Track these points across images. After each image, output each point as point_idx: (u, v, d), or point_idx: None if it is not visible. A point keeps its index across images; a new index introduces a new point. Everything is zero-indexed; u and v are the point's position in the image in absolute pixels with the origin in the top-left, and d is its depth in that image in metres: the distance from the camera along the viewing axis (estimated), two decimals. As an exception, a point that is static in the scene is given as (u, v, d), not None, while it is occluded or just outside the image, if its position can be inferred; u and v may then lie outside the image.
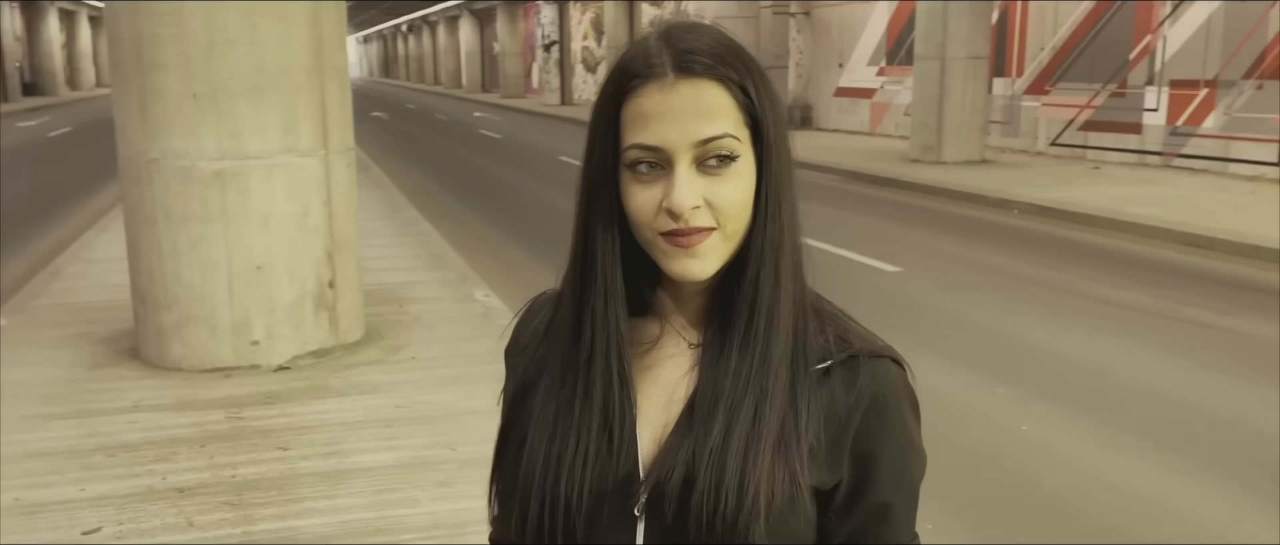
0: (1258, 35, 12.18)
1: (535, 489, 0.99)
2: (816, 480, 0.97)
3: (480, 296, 6.79)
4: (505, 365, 1.15)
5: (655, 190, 0.94)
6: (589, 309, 1.00)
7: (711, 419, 0.97)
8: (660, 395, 1.01)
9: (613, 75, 0.97)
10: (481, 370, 5.16)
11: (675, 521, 0.96)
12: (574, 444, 0.99)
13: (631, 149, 0.94)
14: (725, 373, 0.98)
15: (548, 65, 35.27)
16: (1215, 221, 9.22)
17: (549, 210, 11.80)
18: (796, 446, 0.96)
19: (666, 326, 1.04)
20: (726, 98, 0.94)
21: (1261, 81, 12.18)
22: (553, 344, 1.05)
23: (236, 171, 5.04)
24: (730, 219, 0.94)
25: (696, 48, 0.94)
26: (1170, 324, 6.33)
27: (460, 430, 4.31)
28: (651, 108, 0.93)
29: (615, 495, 0.98)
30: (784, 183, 0.98)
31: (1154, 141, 13.75)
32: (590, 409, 0.99)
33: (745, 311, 0.98)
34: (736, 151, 0.94)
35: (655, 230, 0.94)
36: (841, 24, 20.74)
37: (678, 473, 0.96)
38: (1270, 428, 4.57)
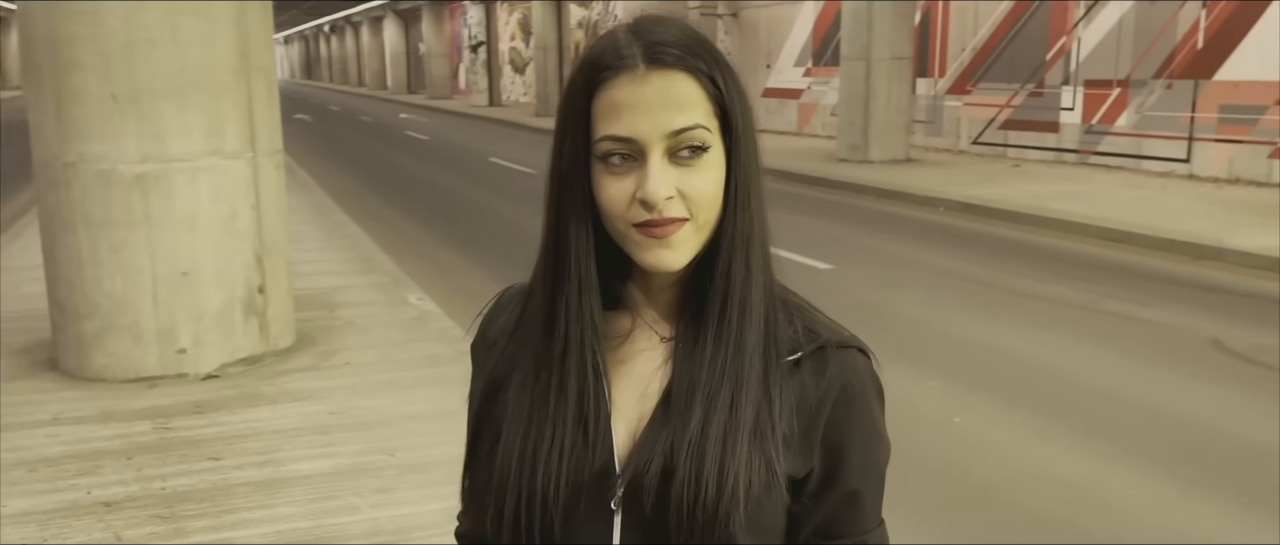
0: (1166, 36, 12.65)
1: (511, 483, 0.98)
2: (790, 469, 0.99)
3: (413, 300, 6.70)
4: (472, 361, 1.13)
5: (628, 182, 0.93)
6: (563, 302, 0.99)
7: (689, 409, 0.97)
8: (634, 389, 1.01)
9: (581, 68, 0.97)
10: (417, 375, 5.09)
11: (653, 514, 0.96)
12: (550, 437, 0.98)
13: (604, 141, 0.94)
14: (700, 363, 0.99)
15: (475, 66, 34.97)
16: (1131, 216, 9.54)
17: (480, 212, 11.70)
18: (772, 435, 0.98)
19: (638, 320, 1.03)
20: (697, 89, 0.94)
21: (1171, 81, 12.65)
22: (525, 338, 1.04)
23: (160, 174, 4.89)
24: (702, 209, 0.95)
25: (666, 39, 0.94)
26: (1093, 316, 6.52)
27: (398, 436, 4.25)
28: (623, 99, 0.93)
29: (592, 489, 0.98)
30: (753, 173, 0.99)
31: (1071, 140, 14.18)
32: (565, 402, 0.99)
33: (718, 302, 0.99)
34: (708, 142, 0.94)
35: (628, 221, 0.94)
36: (769, 25, 20.97)
37: (655, 465, 0.96)
38: (1190, 414, 4.74)
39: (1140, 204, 10.33)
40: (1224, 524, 3.65)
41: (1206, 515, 3.72)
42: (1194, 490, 3.93)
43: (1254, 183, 11.60)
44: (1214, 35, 12.05)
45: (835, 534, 1.03)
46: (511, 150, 19.21)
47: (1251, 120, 11.66)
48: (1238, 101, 11.78)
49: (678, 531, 0.95)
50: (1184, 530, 3.60)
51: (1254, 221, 9.16)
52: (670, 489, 0.95)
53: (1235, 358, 5.61)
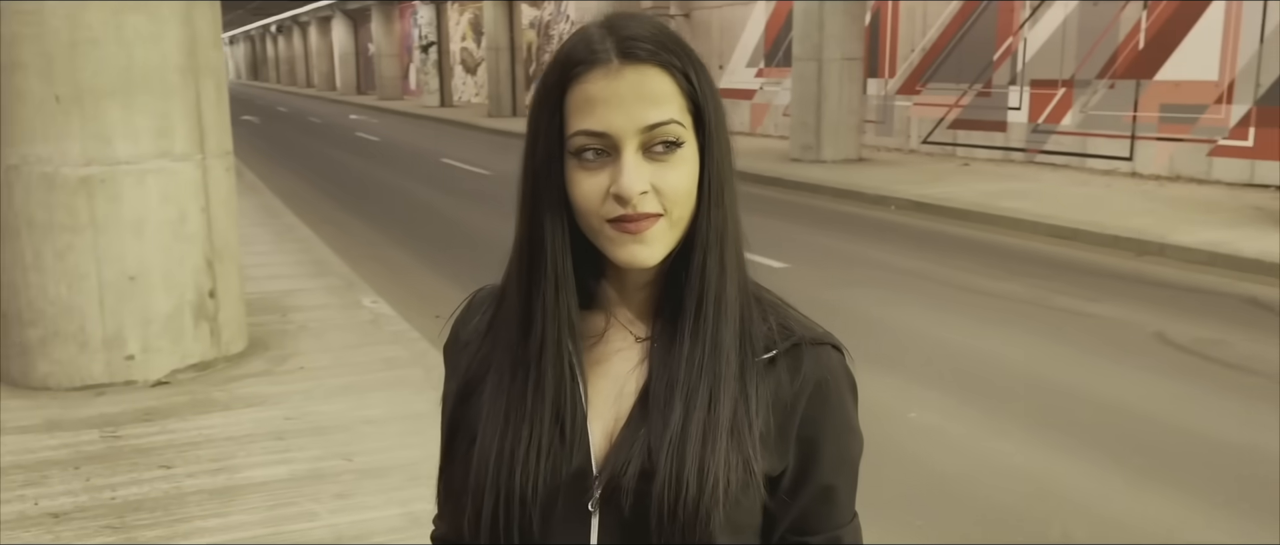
0: (1109, 37, 12.92)
1: (489, 484, 0.97)
2: (767, 467, 0.99)
3: (368, 303, 6.62)
4: (445, 364, 1.12)
5: (602, 177, 0.93)
6: (539, 300, 0.98)
7: (668, 407, 0.97)
8: (610, 389, 1.01)
9: (555, 64, 0.96)
10: (374, 378, 5.03)
11: (632, 514, 0.96)
12: (527, 436, 0.97)
13: (577, 136, 0.93)
14: (678, 361, 0.98)
15: (426, 67, 34.67)
16: (1077, 214, 9.73)
17: (433, 214, 11.60)
18: (749, 433, 0.98)
19: (612, 320, 1.03)
20: (670, 84, 0.94)
21: (1114, 81, 12.92)
22: (499, 338, 1.03)
23: (105, 177, 4.78)
24: (677, 205, 0.94)
25: (640, 35, 0.94)
26: (1043, 312, 6.64)
27: (356, 440, 4.20)
28: (597, 93, 0.92)
29: (569, 489, 0.97)
30: (726, 170, 0.99)
31: (1018, 139, 14.43)
32: (542, 401, 0.98)
33: (694, 299, 0.99)
34: (682, 138, 0.94)
35: (602, 217, 0.94)
36: (721, 26, 21.06)
37: (634, 465, 0.96)
38: (1136, 406, 4.84)
39: (1085, 201, 10.54)
40: (1171, 512, 3.74)
41: (1154, 504, 3.80)
42: (1142, 480, 4.02)
43: (1194, 180, 11.89)
44: (1154, 36, 12.33)
45: (810, 529, 1.04)
46: (464, 151, 19.09)
47: (1191, 119, 11.96)
48: (1177, 101, 12.08)
49: (658, 531, 0.95)
50: (1133, 519, 3.68)
51: (1194, 218, 9.39)
52: (649, 489, 0.95)
53: (1179, 351, 5.74)
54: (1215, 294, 7.07)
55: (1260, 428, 4.53)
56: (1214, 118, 11.70)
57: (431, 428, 4.35)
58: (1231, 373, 5.33)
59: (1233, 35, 11.43)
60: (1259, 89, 11.18)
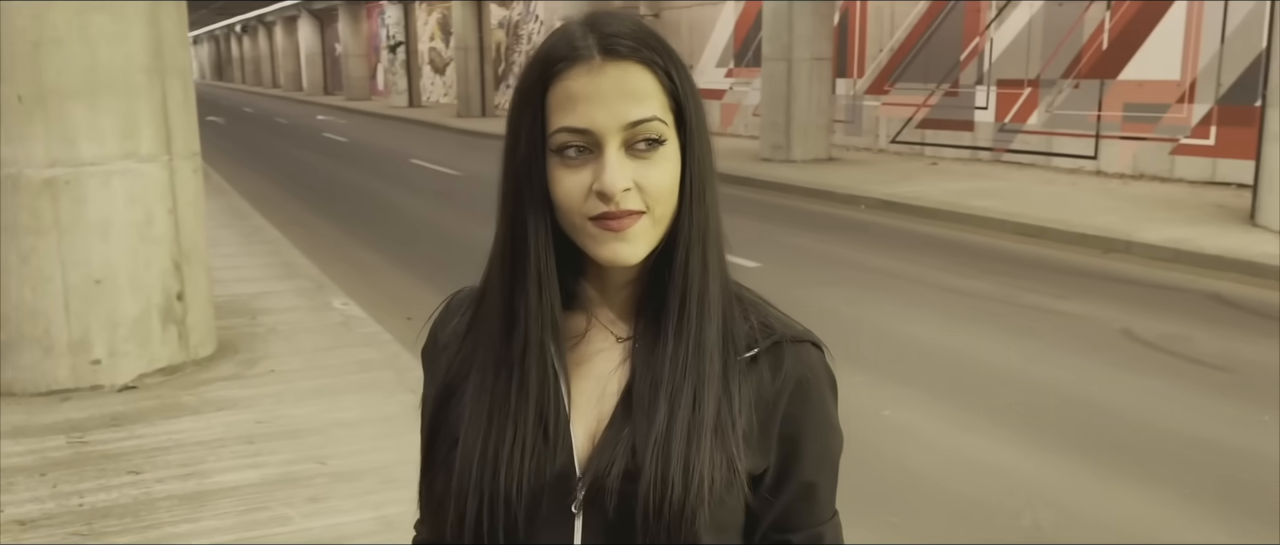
0: (1073, 37, 13.08)
1: (473, 486, 0.97)
2: (750, 465, 0.99)
3: (338, 305, 6.57)
4: (423, 368, 1.11)
5: (584, 174, 0.93)
6: (522, 300, 0.98)
7: (653, 407, 0.97)
8: (593, 390, 1.00)
9: (535, 61, 0.96)
10: (346, 381, 4.99)
11: (616, 514, 0.96)
12: (511, 437, 0.97)
13: (559, 132, 0.93)
14: (662, 360, 0.98)
15: (394, 67, 34.45)
16: (1043, 212, 9.85)
17: (403, 215, 11.53)
18: (732, 431, 0.98)
19: (593, 320, 1.03)
20: (652, 81, 0.94)
21: (1078, 81, 13.08)
22: (481, 339, 1.02)
23: (70, 179, 4.71)
24: (659, 203, 0.94)
25: (621, 32, 0.94)
26: (1012, 309, 6.71)
27: (329, 443, 4.16)
28: (579, 90, 0.92)
29: (552, 490, 0.97)
30: (707, 168, 0.99)
31: (985, 138, 14.57)
32: (526, 401, 0.97)
33: (677, 298, 0.99)
34: (664, 135, 0.94)
35: (584, 215, 0.93)
36: (691, 26, 21.09)
37: (618, 466, 0.96)
38: (1104, 401, 4.90)
39: (1052, 200, 10.67)
40: (1140, 506, 3.79)
41: (1124, 497, 3.85)
42: (1111, 474, 4.07)
43: (1157, 178, 12.07)
44: (1118, 36, 12.50)
45: (791, 527, 1.04)
46: (433, 152, 18.99)
47: (1154, 118, 12.13)
48: (1141, 100, 12.25)
49: (644, 531, 0.95)
50: (1102, 513, 3.73)
51: (1158, 216, 9.53)
52: (634, 489, 0.95)
53: (1146, 346, 5.82)
54: (1180, 290, 7.18)
55: (1226, 423, 4.60)
56: (1176, 117, 11.88)
57: (405, 430, 4.34)
58: (1197, 368, 5.42)
59: (1194, 35, 11.61)
60: (1220, 88, 11.36)
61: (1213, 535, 3.56)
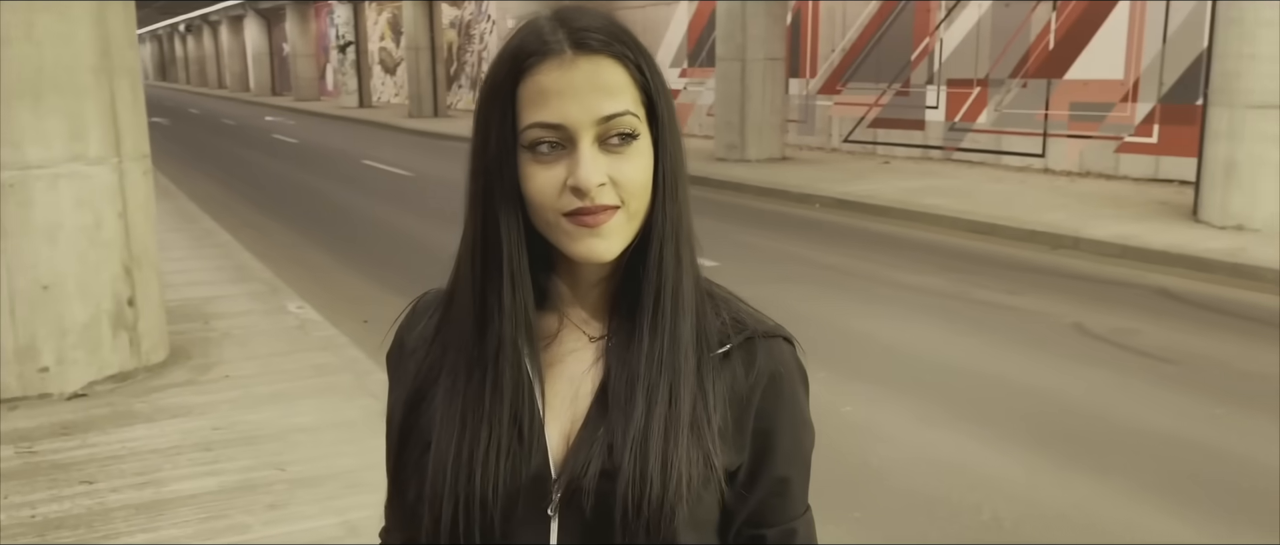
0: (1021, 37, 13.31)
1: (447, 489, 0.95)
2: (725, 461, 0.99)
3: (293, 308, 6.48)
4: (388, 372, 1.09)
5: (557, 170, 0.92)
6: (495, 299, 0.97)
7: (630, 404, 0.96)
8: (566, 390, 1.00)
9: (504, 57, 0.95)
10: (304, 385, 4.93)
11: (593, 514, 0.95)
12: (486, 438, 0.96)
13: (532, 128, 0.92)
14: (638, 357, 0.98)
15: (344, 67, 34.03)
16: (994, 209, 10.01)
17: (357, 217, 11.40)
18: (708, 428, 0.98)
19: (565, 320, 1.02)
20: (624, 75, 0.93)
21: (1026, 81, 13.32)
22: (451, 341, 1.01)
23: (16, 182, 4.59)
24: (634, 198, 0.94)
25: (592, 26, 0.93)
26: (966, 305, 6.81)
27: (288, 449, 4.10)
28: (551, 84, 0.91)
29: (528, 492, 0.96)
30: (679, 163, 0.99)
31: (935, 137, 14.77)
32: (500, 402, 0.96)
33: (651, 294, 0.98)
34: (637, 130, 0.93)
35: (558, 211, 0.92)
36: (644, 25, 21.10)
37: (594, 465, 0.95)
38: (1059, 394, 5.00)
39: (1002, 197, 10.85)
40: (1096, 496, 3.87)
41: (1079, 489, 3.93)
42: (1067, 465, 4.15)
43: (1103, 176, 12.33)
44: (1064, 37, 12.75)
45: (765, 523, 1.04)
46: (385, 152, 18.80)
47: (1099, 117, 12.39)
48: (1087, 99, 12.50)
49: (623, 530, 0.95)
50: (1059, 504, 3.80)
51: (1105, 212, 9.74)
52: (612, 488, 0.94)
53: (1097, 340, 5.94)
54: (1128, 285, 7.34)
55: (1176, 415, 4.71)
56: (1120, 116, 12.14)
57: (366, 435, 4.29)
58: (1147, 361, 5.54)
59: (1137, 36, 11.88)
60: (1162, 87, 11.64)
61: (1167, 525, 3.64)
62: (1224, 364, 5.49)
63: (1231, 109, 8.52)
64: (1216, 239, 8.20)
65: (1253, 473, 4.05)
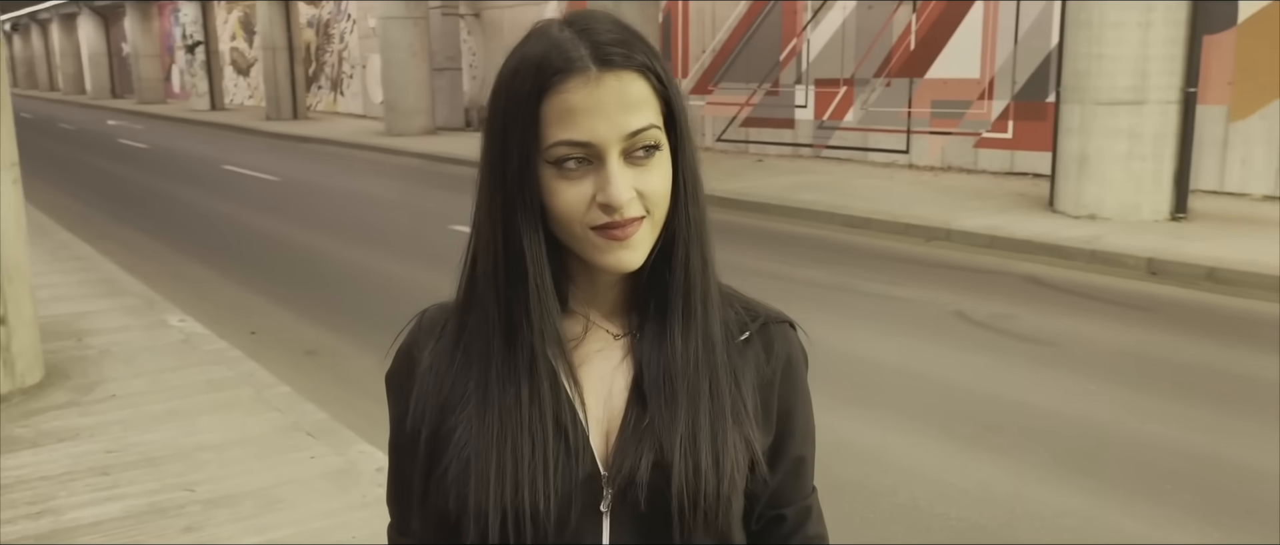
0: (884, 38, 13.86)
1: (493, 502, 0.95)
2: (760, 444, 1.04)
3: (175, 322, 6.17)
4: (395, 391, 1.07)
5: (585, 185, 0.93)
6: (522, 312, 0.97)
7: (673, 403, 0.99)
8: (599, 389, 1.01)
9: (525, 72, 0.94)
10: (199, 401, 4.71)
11: (648, 510, 0.97)
12: (531, 451, 0.96)
13: (558, 146, 0.92)
14: (673, 356, 1.00)
15: (193, 68, 32.50)
16: (867, 204, 10.39)
17: (226, 224, 10.92)
18: (746, 416, 1.02)
19: (588, 321, 1.03)
20: (646, 88, 0.95)
21: (889, 79, 13.87)
22: (476, 354, 1.00)
23: None
24: (658, 206, 0.96)
25: (613, 39, 0.94)
26: (853, 296, 7.06)
27: (194, 469, 3.91)
28: (578, 103, 0.92)
29: (580, 496, 0.97)
30: (697, 165, 1.02)
31: (805, 135, 15.22)
32: (541, 413, 0.97)
33: (681, 294, 1.01)
34: (660, 141, 0.95)
35: (586, 225, 0.94)
36: (513, 25, 20.96)
37: (646, 462, 0.97)
38: (949, 378, 5.24)
39: (872, 192, 11.27)
40: (998, 472, 4.08)
41: (983, 468, 4.14)
42: (970, 446, 4.36)
43: (963, 170, 12.96)
44: (924, 37, 13.34)
45: (784, 502, 1.09)
46: (246, 157, 18.06)
47: (958, 114, 13.02)
48: (946, 97, 13.12)
49: (680, 524, 0.97)
50: (966, 481, 3.99)
51: (969, 205, 10.24)
52: (666, 484, 0.97)
53: (978, 326, 6.26)
54: (999, 273, 7.76)
55: (1057, 392, 5.02)
56: (978, 113, 12.79)
57: (278, 450, 4.15)
58: (1025, 344, 5.88)
59: (991, 36, 12.54)
60: (1015, 85, 12.32)
61: (1059, 494, 3.87)
62: (1092, 343, 5.87)
63: (1082, 105, 9.10)
64: (1073, 228, 8.74)
65: (1123, 441, 4.36)
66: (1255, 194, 10.12)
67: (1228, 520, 3.63)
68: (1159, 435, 4.43)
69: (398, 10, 20.18)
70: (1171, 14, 8.72)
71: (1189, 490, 3.87)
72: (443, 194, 12.92)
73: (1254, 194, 10.12)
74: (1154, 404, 4.82)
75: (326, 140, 20.97)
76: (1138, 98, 8.85)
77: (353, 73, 27.66)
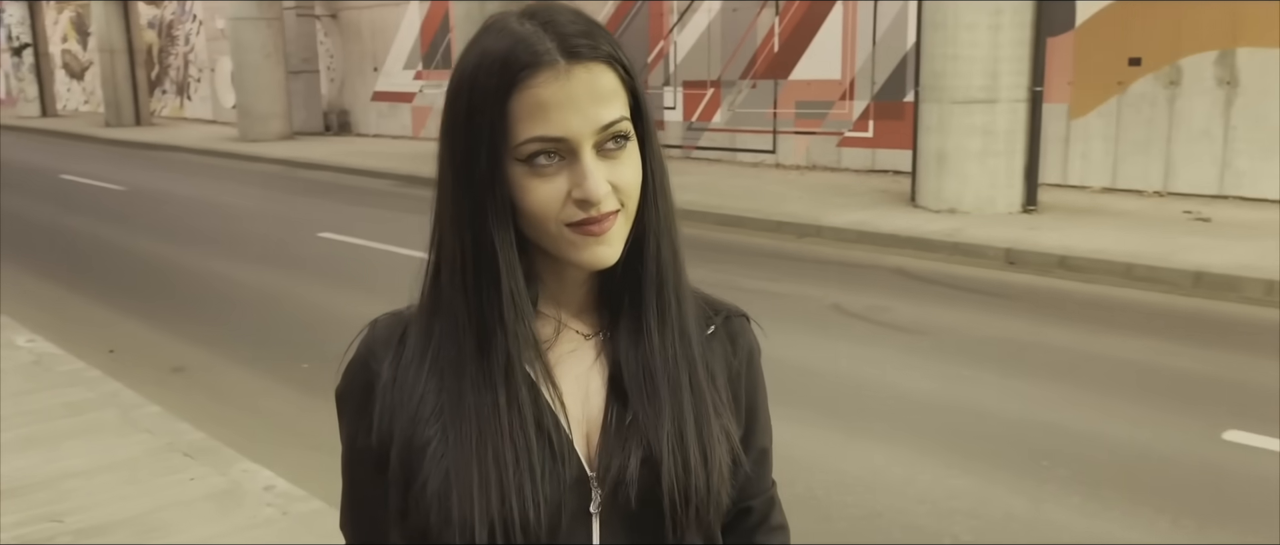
0: (748, 40, 14.15)
1: (478, 513, 0.91)
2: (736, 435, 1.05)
3: (23, 342, 5.74)
4: (351, 408, 1.01)
5: (558, 181, 0.91)
6: (496, 317, 0.94)
7: (656, 399, 0.98)
8: (576, 391, 0.99)
9: (488, 67, 0.91)
10: (60, 426, 4.40)
11: (639, 509, 0.96)
12: (514, 459, 0.93)
13: (530, 142, 0.90)
14: (651, 352, 0.99)
15: (20, 72, 30.37)
16: (739, 203, 10.58)
17: (70, 237, 10.25)
18: (724, 409, 1.03)
19: (557, 323, 1.01)
20: (615, 79, 0.93)
21: (755, 81, 14.17)
22: (445, 364, 0.96)
23: None
24: (631, 198, 0.94)
25: (578, 30, 0.92)
26: (734, 293, 6.86)
27: (61, 498, 3.65)
28: (549, 97, 0.89)
29: (570, 499, 0.95)
30: (662, 156, 1.00)
31: (675, 136, 15.37)
32: (521, 419, 0.94)
33: (654, 289, 0.99)
34: (629, 132, 0.94)
35: (560, 222, 0.91)
36: (372, 27, 20.43)
37: (635, 460, 0.96)
38: (832, 369, 5.39)
39: (743, 192, 11.48)
40: (888, 459, 4.21)
41: (874, 455, 4.27)
42: (859, 435, 4.49)
43: (828, 168, 13.36)
44: (787, 40, 13.68)
45: (751, 494, 1.11)
46: (87, 166, 17.01)
47: (821, 114, 13.41)
48: (810, 98, 13.49)
49: (672, 519, 0.96)
50: (858, 469, 4.11)
51: (836, 202, 10.56)
52: (656, 482, 0.96)
53: (856, 318, 6.46)
54: (870, 267, 8.02)
55: (934, 378, 5.22)
56: (840, 113, 13.21)
57: (149, 474, 3.93)
58: (901, 334, 6.09)
59: (851, 38, 12.96)
60: (875, 86, 12.78)
61: (954, 479, 4.03)
62: (962, 331, 6.14)
63: (940, 104, 9.51)
64: (935, 221, 9.13)
65: (1000, 422, 4.58)
66: (1095, 186, 10.79)
67: (1106, 492, 3.85)
68: (1030, 415, 4.66)
69: (249, 10, 19.39)
70: (1018, 15, 9.21)
71: (1066, 465, 4.08)
72: (306, 201, 12.47)
73: (1094, 186, 10.80)
74: (1022, 386, 5.07)
75: (175, 147, 19.96)
76: (990, 96, 9.30)
77: (200, 76, 26.43)
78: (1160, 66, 10.21)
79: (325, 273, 8.02)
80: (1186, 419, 4.55)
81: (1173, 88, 10.17)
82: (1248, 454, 4.15)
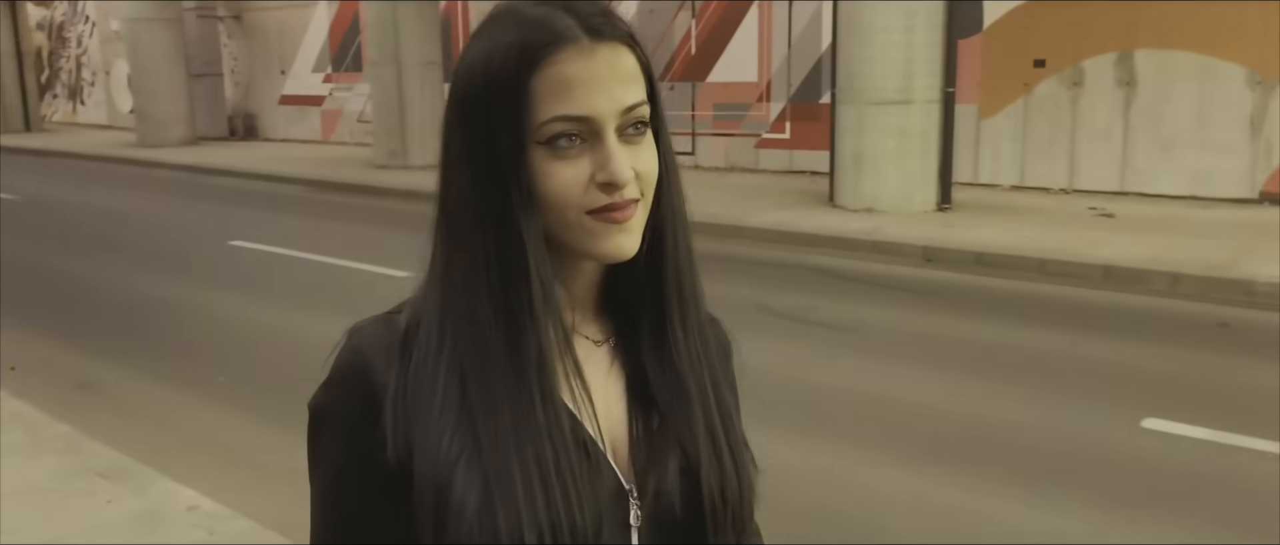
0: (666, 43, 14.19)
1: (527, 523, 0.85)
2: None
3: (-84, 361, 5.40)
4: (346, 429, 0.91)
5: (581, 165, 0.87)
6: (526, 312, 0.88)
7: (687, 403, 0.95)
8: (599, 398, 0.95)
9: (506, 48, 0.86)
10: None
11: (681, 517, 0.93)
12: (554, 459, 0.87)
13: (554, 122, 0.85)
14: (678, 354, 0.96)
15: (-103, 75, 28.71)
16: (662, 204, 10.58)
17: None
18: (736, 409, 1.03)
19: (572, 327, 0.96)
20: (634, 61, 0.90)
21: (673, 84, 14.21)
22: (467, 364, 0.89)
23: None
24: (650, 187, 0.91)
25: (594, 10, 0.88)
26: (662, 295, 7.15)
27: (-32, 526, 3.42)
28: (574, 75, 0.85)
29: (609, 505, 0.91)
30: (673, 148, 0.97)
31: (591, 138, 15.34)
32: (558, 420, 0.89)
33: (674, 288, 0.96)
34: (648, 118, 0.91)
35: (581, 209, 0.87)
36: (279, 29, 19.89)
37: (673, 467, 0.93)
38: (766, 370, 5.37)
39: (665, 193, 11.49)
40: (830, 456, 4.25)
41: (815, 449, 4.30)
42: (797, 431, 4.51)
43: (746, 170, 13.48)
44: (704, 42, 13.77)
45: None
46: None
47: (739, 116, 13.53)
48: (727, 100, 13.60)
49: (713, 523, 0.94)
50: (795, 463, 4.13)
51: (757, 203, 10.65)
52: (694, 487, 0.93)
53: (783, 318, 6.51)
54: (795, 266, 8.11)
55: (862, 375, 5.30)
56: (757, 115, 13.34)
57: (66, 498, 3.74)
58: (829, 332, 6.17)
59: (767, 41, 13.11)
60: (791, 88, 12.94)
61: (893, 475, 4.08)
62: (886, 328, 6.24)
63: (856, 106, 9.68)
64: (855, 221, 9.28)
65: (920, 414, 4.69)
66: (1005, 184, 11.12)
67: (1040, 484, 3.94)
68: (958, 408, 4.76)
69: (146, 11, 18.68)
70: (931, 18, 9.43)
71: (1000, 459, 4.17)
72: (214, 208, 12.05)
73: (1004, 184, 11.13)
74: (948, 380, 5.17)
75: (70, 153, 19.12)
76: (905, 98, 9.50)
77: (94, 80, 25.37)
78: (1063, 68, 10.58)
79: (238, 282, 7.74)
80: (1107, 408, 4.70)
81: (1076, 89, 10.55)
82: (1166, 441, 4.30)
